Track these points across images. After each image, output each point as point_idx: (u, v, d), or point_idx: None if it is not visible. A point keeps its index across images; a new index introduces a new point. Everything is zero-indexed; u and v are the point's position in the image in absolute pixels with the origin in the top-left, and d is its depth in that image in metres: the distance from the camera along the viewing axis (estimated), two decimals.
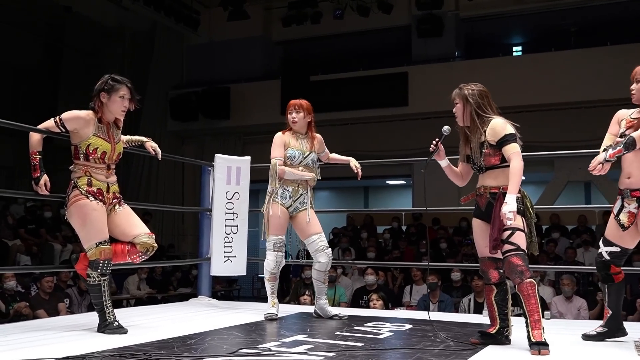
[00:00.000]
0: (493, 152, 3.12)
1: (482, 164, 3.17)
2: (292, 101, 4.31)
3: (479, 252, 3.27)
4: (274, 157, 4.17)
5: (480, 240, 3.24)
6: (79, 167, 3.40)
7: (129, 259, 3.51)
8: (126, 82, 3.48)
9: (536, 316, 2.97)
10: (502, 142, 3.08)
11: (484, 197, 3.19)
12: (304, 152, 4.22)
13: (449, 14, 12.99)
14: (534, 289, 3.00)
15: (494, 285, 3.21)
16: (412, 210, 13.08)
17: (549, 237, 10.18)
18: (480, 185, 3.23)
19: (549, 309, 6.74)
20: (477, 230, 3.27)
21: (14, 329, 3.61)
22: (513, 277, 3.03)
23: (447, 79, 11.76)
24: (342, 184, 16.09)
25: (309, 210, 4.22)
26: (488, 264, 3.22)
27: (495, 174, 3.15)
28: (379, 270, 8.25)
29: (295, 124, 4.24)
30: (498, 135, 3.10)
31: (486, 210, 3.17)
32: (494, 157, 3.12)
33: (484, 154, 3.14)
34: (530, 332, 2.98)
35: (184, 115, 14.21)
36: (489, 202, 3.15)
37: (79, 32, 14.42)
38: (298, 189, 4.22)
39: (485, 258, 3.23)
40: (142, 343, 3.09)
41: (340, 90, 13.01)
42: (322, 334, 3.55)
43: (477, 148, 3.17)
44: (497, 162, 3.13)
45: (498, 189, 3.12)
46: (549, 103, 11.70)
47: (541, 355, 2.89)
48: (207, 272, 5.13)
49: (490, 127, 3.13)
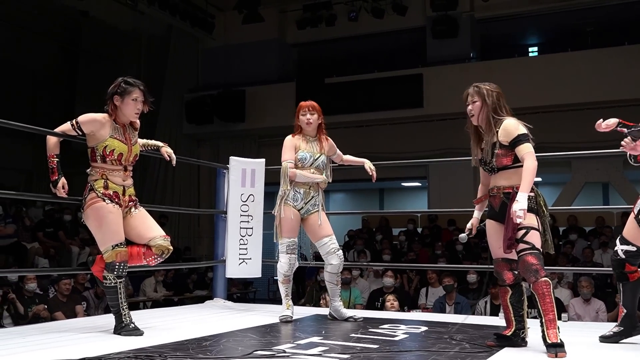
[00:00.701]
0: (505, 152, 3.10)
1: (494, 164, 3.15)
2: (303, 103, 4.31)
3: (493, 254, 3.24)
4: (285, 160, 4.18)
5: (494, 242, 3.22)
6: (96, 169, 3.43)
7: (144, 261, 3.53)
8: (139, 84, 3.49)
9: (551, 315, 2.93)
10: (515, 142, 3.06)
11: (497, 198, 3.17)
12: (315, 155, 4.23)
13: (463, 15, 12.95)
14: (549, 288, 2.96)
15: (508, 286, 3.19)
16: (427, 212, 13.02)
17: (567, 239, 10.09)
18: (493, 186, 3.21)
19: (566, 311, 6.68)
20: (490, 231, 3.24)
21: (32, 330, 3.65)
22: (528, 276, 3.00)
23: (463, 80, 11.67)
24: (357, 186, 16.09)
25: (320, 213, 4.22)
26: (502, 265, 3.19)
27: (508, 174, 3.13)
28: (395, 272, 8.23)
29: (309, 125, 4.24)
30: (511, 136, 3.08)
31: (500, 210, 3.15)
32: (506, 157, 3.10)
33: (495, 155, 3.12)
34: (545, 332, 2.94)
35: (200, 118, 14.29)
36: (503, 202, 3.13)
37: (96, 36, 14.56)
38: (309, 191, 4.22)
39: (499, 259, 3.20)
40: (158, 345, 3.10)
41: (355, 93, 13.01)
42: (337, 336, 3.54)
43: (489, 148, 3.15)
44: (509, 162, 3.11)
45: (512, 188, 3.09)
46: (565, 104, 11.61)
47: (558, 358, 2.86)
48: (222, 274, 5.14)
49: (503, 127, 3.11)
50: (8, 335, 3.41)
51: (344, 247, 11.63)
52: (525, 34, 14.61)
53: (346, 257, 10.61)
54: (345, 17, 13.25)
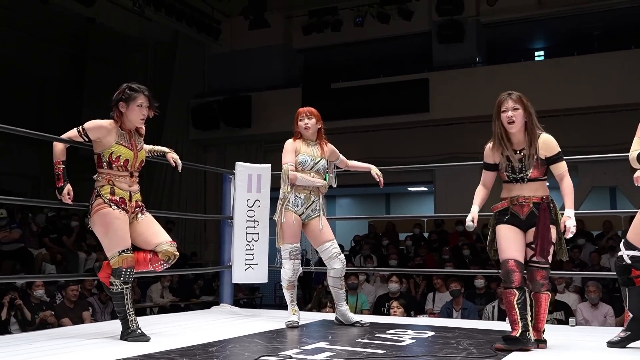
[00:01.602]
0: (539, 164, 3.26)
1: (527, 175, 3.27)
2: (301, 109, 4.34)
3: (506, 255, 3.26)
4: (286, 163, 4.17)
5: (510, 244, 3.27)
6: (102, 175, 3.43)
7: (151, 267, 3.54)
8: (143, 90, 3.49)
9: (541, 324, 3.26)
10: (556, 158, 3.28)
11: (525, 207, 3.29)
12: (315, 158, 4.22)
13: (469, 19, 12.95)
14: (547, 301, 3.28)
15: (515, 289, 3.22)
16: (433, 216, 13.00)
17: (574, 243, 10.05)
18: (517, 195, 3.31)
19: (574, 316, 6.65)
20: (508, 235, 3.29)
21: (39, 336, 3.65)
22: (534, 286, 3.26)
23: (469, 85, 11.76)
24: (363, 191, 16.07)
25: (321, 218, 4.21)
26: (514, 265, 3.24)
27: (536, 186, 3.29)
28: (402, 277, 8.21)
29: (308, 129, 4.24)
30: (552, 151, 3.27)
31: (527, 219, 3.29)
32: (539, 170, 3.27)
33: (532, 166, 3.25)
34: (530, 332, 3.19)
35: (206, 124, 14.31)
36: (532, 212, 3.27)
37: (103, 43, 14.64)
38: (310, 196, 4.21)
39: (512, 260, 3.25)
40: (164, 350, 3.10)
41: (361, 98, 13.01)
42: (344, 341, 3.53)
43: (529, 159, 3.25)
44: (540, 175, 3.28)
45: (540, 199, 3.27)
46: (572, 108, 11.57)
47: (539, 349, 3.21)
48: (228, 279, 5.14)
49: (544, 141, 3.27)
50: (15, 342, 3.42)
51: (350, 252, 11.62)
52: (531, 38, 14.58)
53: (352, 262, 10.59)
54: (351, 23, 13.27)
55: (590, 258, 9.01)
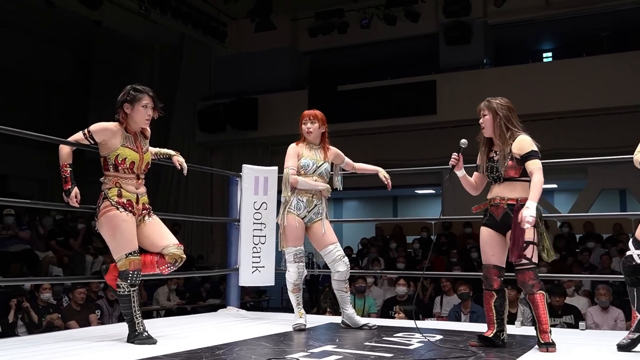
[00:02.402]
0: (514, 164, 3.32)
1: (501, 173, 3.35)
2: (306, 112, 4.34)
3: (485, 260, 3.44)
4: (287, 167, 4.18)
5: (488, 249, 3.42)
6: (109, 178, 3.43)
7: (157, 269, 3.52)
8: (148, 91, 3.50)
9: (545, 325, 3.26)
10: (527, 156, 3.29)
11: (500, 208, 3.38)
12: (318, 162, 4.22)
13: (477, 20, 12.90)
14: (543, 300, 3.28)
15: (494, 291, 3.41)
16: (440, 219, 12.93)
17: (584, 246, 9.97)
18: (495, 196, 3.41)
19: (584, 320, 6.58)
20: (486, 239, 3.44)
21: (46, 339, 3.64)
22: (525, 289, 3.31)
23: (476, 87, 11.70)
24: (370, 194, 16.04)
25: (324, 221, 4.21)
26: (493, 271, 3.41)
27: (513, 186, 3.35)
28: (409, 280, 8.17)
29: (310, 134, 4.24)
30: (524, 150, 3.30)
31: (502, 220, 3.36)
32: (515, 170, 3.33)
33: (506, 166, 3.33)
34: (539, 336, 3.27)
35: (212, 127, 14.32)
36: (506, 213, 3.34)
37: (109, 46, 14.66)
38: (312, 199, 4.21)
39: (490, 265, 3.42)
40: (171, 353, 3.08)
41: (368, 100, 12.98)
42: (351, 344, 3.51)
43: (501, 158, 3.35)
44: (516, 174, 3.34)
45: (516, 200, 3.32)
46: (581, 109, 11.50)
47: (549, 352, 3.19)
48: (235, 282, 5.12)
49: (518, 141, 3.34)
50: (22, 344, 3.42)
51: (357, 255, 11.58)
52: (539, 39, 14.51)
53: (360, 265, 10.55)
54: (357, 25, 13.25)
55: (600, 261, 8.94)
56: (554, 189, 14.30)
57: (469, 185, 3.66)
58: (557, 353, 3.23)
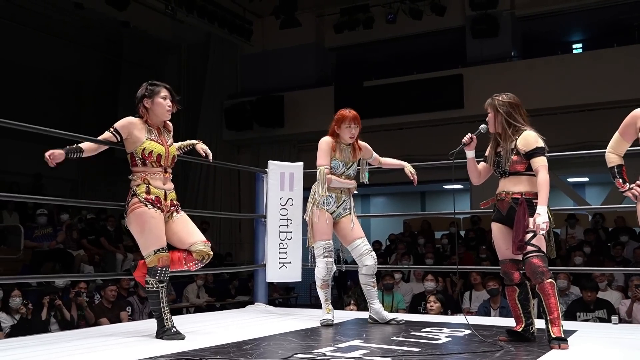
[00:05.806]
0: (520, 159, 3.31)
1: (507, 168, 3.35)
2: (346, 113, 4.16)
3: (500, 255, 3.43)
4: (321, 165, 4.13)
5: (501, 244, 3.41)
6: (138, 174, 3.46)
7: (185, 266, 3.55)
8: (164, 84, 3.56)
9: (555, 314, 3.16)
10: (533, 153, 3.27)
11: (505, 202, 3.37)
12: (347, 164, 4.22)
13: (504, 13, 12.72)
14: (554, 289, 3.19)
15: (516, 285, 3.39)
16: (468, 212, 12.78)
17: (617, 241, 9.78)
18: (501, 191, 3.41)
19: (617, 314, 6.46)
20: (497, 234, 3.44)
21: (76, 335, 3.70)
22: (534, 278, 3.21)
23: (504, 80, 11.55)
24: (398, 189, 15.95)
25: (352, 216, 4.21)
26: (510, 265, 3.40)
27: (518, 180, 3.34)
28: (438, 276, 8.12)
29: (352, 138, 4.19)
30: (529, 147, 3.29)
31: (507, 214, 3.35)
32: (520, 164, 3.32)
33: (511, 160, 3.33)
34: (550, 329, 3.15)
35: (239, 125, 14.38)
36: (511, 207, 3.32)
37: (137, 46, 14.83)
38: (341, 195, 4.22)
39: (506, 260, 3.40)
40: (199, 348, 3.10)
41: (394, 95, 12.90)
42: (378, 339, 3.49)
43: (506, 153, 3.34)
44: (522, 169, 3.33)
45: (520, 194, 3.30)
46: (612, 100, 11.25)
47: (561, 349, 3.07)
48: (263, 278, 5.14)
49: (523, 137, 3.32)
50: (53, 340, 3.47)
51: (385, 251, 11.52)
52: (568, 30, 14.26)
53: (388, 261, 10.51)
54: (383, 20, 13.16)
55: (634, 255, 8.76)
56: (586, 182, 14.07)
57: (474, 171, 3.65)
58: (589, 347, 3.16)
